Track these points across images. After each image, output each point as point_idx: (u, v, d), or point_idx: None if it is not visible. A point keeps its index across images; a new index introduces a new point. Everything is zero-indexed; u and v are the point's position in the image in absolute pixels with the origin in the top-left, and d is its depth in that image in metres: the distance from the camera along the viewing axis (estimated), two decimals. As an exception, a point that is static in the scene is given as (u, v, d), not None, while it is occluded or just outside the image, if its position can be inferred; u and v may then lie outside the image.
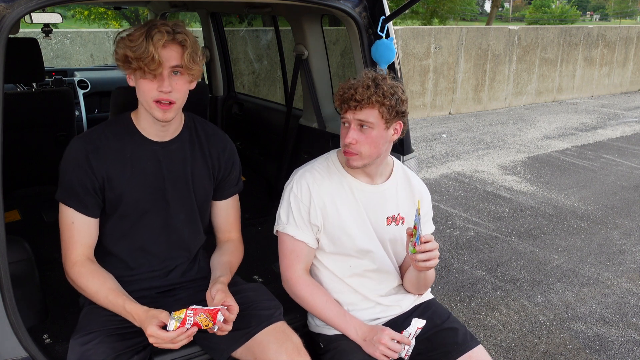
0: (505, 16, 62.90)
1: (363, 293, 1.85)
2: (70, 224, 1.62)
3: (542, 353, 2.91)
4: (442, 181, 5.83)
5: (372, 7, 2.14)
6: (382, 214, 1.83)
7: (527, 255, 4.06)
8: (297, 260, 1.80)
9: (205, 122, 1.85)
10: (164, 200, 1.72)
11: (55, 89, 3.56)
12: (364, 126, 1.68)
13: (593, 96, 12.60)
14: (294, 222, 1.78)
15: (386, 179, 1.86)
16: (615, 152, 7.24)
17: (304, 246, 1.79)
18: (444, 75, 9.65)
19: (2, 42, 1.45)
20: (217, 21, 3.90)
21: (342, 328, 1.76)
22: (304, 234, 1.78)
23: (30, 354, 1.56)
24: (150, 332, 1.47)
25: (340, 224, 1.79)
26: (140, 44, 1.49)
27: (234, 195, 1.90)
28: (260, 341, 1.64)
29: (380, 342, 1.67)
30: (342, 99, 1.69)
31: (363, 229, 1.81)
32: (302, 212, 1.77)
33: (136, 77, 1.56)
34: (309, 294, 1.79)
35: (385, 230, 1.84)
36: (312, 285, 1.81)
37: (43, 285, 1.94)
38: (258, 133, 3.68)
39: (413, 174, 1.96)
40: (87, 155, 1.61)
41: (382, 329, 1.70)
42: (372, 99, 1.64)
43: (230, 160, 1.85)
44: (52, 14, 3.03)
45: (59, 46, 8.21)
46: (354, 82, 1.69)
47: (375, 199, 1.82)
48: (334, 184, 1.80)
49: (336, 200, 1.78)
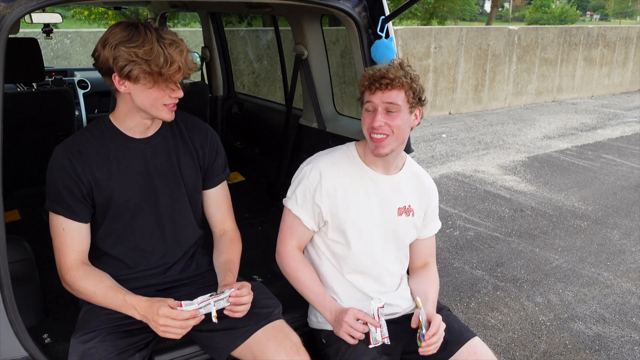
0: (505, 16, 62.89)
1: (362, 289, 1.86)
2: (62, 231, 1.61)
3: (542, 353, 2.91)
4: (442, 181, 5.83)
5: (372, 7, 2.14)
6: (395, 204, 1.86)
7: (527, 255, 4.06)
8: (291, 235, 1.85)
9: (185, 114, 1.85)
10: (154, 196, 1.72)
11: (55, 89, 3.55)
12: (390, 111, 1.70)
13: (593, 96, 12.60)
14: (295, 199, 1.82)
15: (399, 170, 1.88)
16: (615, 152, 7.24)
17: (299, 222, 1.83)
18: (444, 75, 9.65)
19: (2, 42, 1.45)
20: (217, 21, 3.90)
21: (320, 308, 1.80)
22: (302, 211, 1.82)
23: (30, 354, 1.56)
24: (163, 312, 1.48)
25: (347, 212, 1.81)
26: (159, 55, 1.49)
27: (222, 183, 1.90)
28: (259, 340, 1.64)
29: (343, 321, 1.68)
30: (371, 79, 1.69)
31: (368, 222, 1.83)
32: (307, 191, 1.80)
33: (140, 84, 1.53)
34: (294, 270, 1.83)
35: (396, 220, 1.87)
36: (300, 262, 1.85)
37: (43, 285, 1.94)
38: (258, 133, 3.68)
39: (422, 170, 1.99)
40: (71, 160, 1.60)
41: (347, 309, 1.72)
42: (402, 80, 1.68)
43: (213, 147, 1.85)
44: (52, 14, 3.04)
45: (59, 46, 8.21)
46: (380, 66, 1.72)
47: (389, 190, 1.85)
48: (349, 173, 1.83)
49: (348, 189, 1.81)
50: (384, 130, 1.69)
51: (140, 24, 1.53)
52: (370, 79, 1.70)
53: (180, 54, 1.52)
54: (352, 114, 2.89)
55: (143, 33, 1.51)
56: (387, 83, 1.68)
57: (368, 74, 1.72)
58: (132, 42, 1.49)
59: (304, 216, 1.82)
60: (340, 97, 7.08)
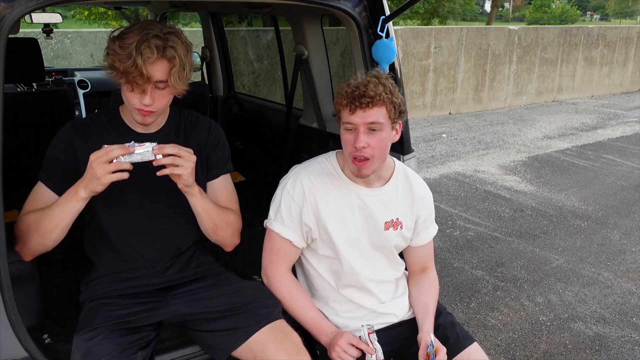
0: (505, 16, 62.93)
1: (358, 302, 1.83)
2: (35, 194, 1.63)
3: (542, 353, 2.91)
4: (442, 181, 5.83)
5: (372, 7, 2.14)
6: (381, 218, 1.79)
7: (527, 255, 4.06)
8: (281, 258, 1.78)
9: (191, 112, 1.83)
10: (151, 193, 1.70)
11: (55, 89, 3.55)
12: (372, 129, 1.60)
13: (593, 96, 12.60)
14: (281, 220, 1.74)
15: (385, 182, 1.80)
16: (616, 152, 7.24)
17: (289, 245, 1.76)
18: (444, 75, 9.65)
19: (2, 42, 1.44)
20: (217, 21, 3.90)
21: (316, 333, 1.74)
22: (291, 232, 1.74)
23: (30, 354, 1.56)
24: None
25: (333, 228, 1.74)
26: (128, 54, 1.45)
27: (222, 176, 1.84)
28: (259, 340, 1.63)
29: (336, 344, 1.64)
30: (351, 97, 1.58)
31: (354, 236, 1.77)
32: (292, 211, 1.73)
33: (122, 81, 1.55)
34: (289, 295, 1.77)
35: (383, 235, 1.80)
36: (294, 287, 1.79)
37: (43, 285, 1.94)
38: (258, 133, 3.68)
39: (416, 177, 1.89)
40: (72, 134, 1.64)
41: (343, 333, 1.67)
42: (382, 96, 1.57)
43: (215, 139, 1.83)
44: (52, 14, 3.04)
45: (59, 46, 8.21)
46: (358, 81, 1.61)
47: (374, 204, 1.78)
48: (331, 188, 1.75)
49: (331, 205, 1.74)
50: (367, 153, 1.60)
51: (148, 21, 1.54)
52: (349, 97, 1.58)
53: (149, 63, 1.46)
54: (352, 114, 2.89)
55: (134, 27, 1.50)
56: (367, 102, 1.56)
57: (345, 92, 1.60)
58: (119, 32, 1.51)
59: (294, 237, 1.74)
60: (340, 97, 7.06)
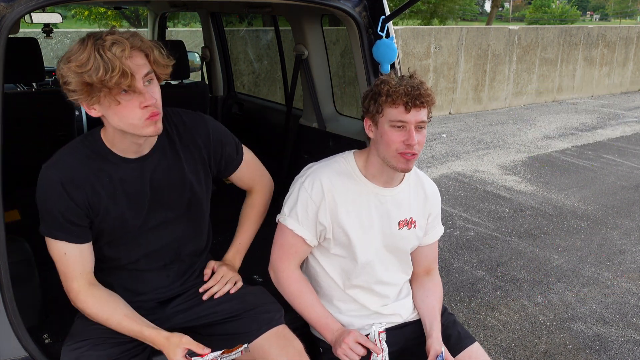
0: (505, 16, 62.92)
1: (363, 303, 1.83)
2: (63, 255, 1.52)
3: (542, 353, 2.91)
4: (442, 181, 5.83)
5: (372, 6, 2.14)
6: (396, 218, 1.79)
7: (527, 255, 4.06)
8: (292, 254, 1.77)
9: (179, 112, 1.67)
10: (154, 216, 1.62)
11: (55, 89, 3.55)
12: (420, 127, 1.62)
13: (593, 96, 12.60)
14: (296, 217, 1.72)
15: (399, 182, 1.81)
16: (616, 152, 7.23)
17: (301, 242, 1.75)
18: (444, 75, 9.65)
19: (2, 42, 1.44)
20: (217, 21, 3.90)
21: (321, 330, 1.75)
22: (305, 230, 1.73)
23: (30, 354, 1.56)
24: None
25: (350, 228, 1.74)
26: (97, 64, 1.30)
27: (242, 164, 1.82)
28: (261, 346, 1.62)
29: (343, 341, 1.64)
30: (410, 96, 1.58)
31: (369, 236, 1.77)
32: (309, 209, 1.71)
33: (105, 104, 1.38)
34: (298, 291, 1.77)
35: (396, 233, 1.80)
36: (303, 284, 1.79)
37: (43, 285, 1.93)
38: (258, 133, 3.68)
39: (425, 176, 1.91)
40: (64, 186, 1.48)
41: (350, 331, 1.68)
42: (432, 97, 1.62)
43: (217, 139, 1.71)
44: (52, 14, 3.04)
45: (59, 46, 8.20)
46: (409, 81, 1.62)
47: (390, 203, 1.78)
48: (351, 188, 1.74)
49: (350, 205, 1.73)
50: (416, 149, 1.62)
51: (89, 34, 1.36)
52: (408, 96, 1.58)
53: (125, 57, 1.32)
54: (352, 114, 2.89)
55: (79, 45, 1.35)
56: (423, 102, 1.60)
57: (402, 91, 1.58)
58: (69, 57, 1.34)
59: (307, 235, 1.73)
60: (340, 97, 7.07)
